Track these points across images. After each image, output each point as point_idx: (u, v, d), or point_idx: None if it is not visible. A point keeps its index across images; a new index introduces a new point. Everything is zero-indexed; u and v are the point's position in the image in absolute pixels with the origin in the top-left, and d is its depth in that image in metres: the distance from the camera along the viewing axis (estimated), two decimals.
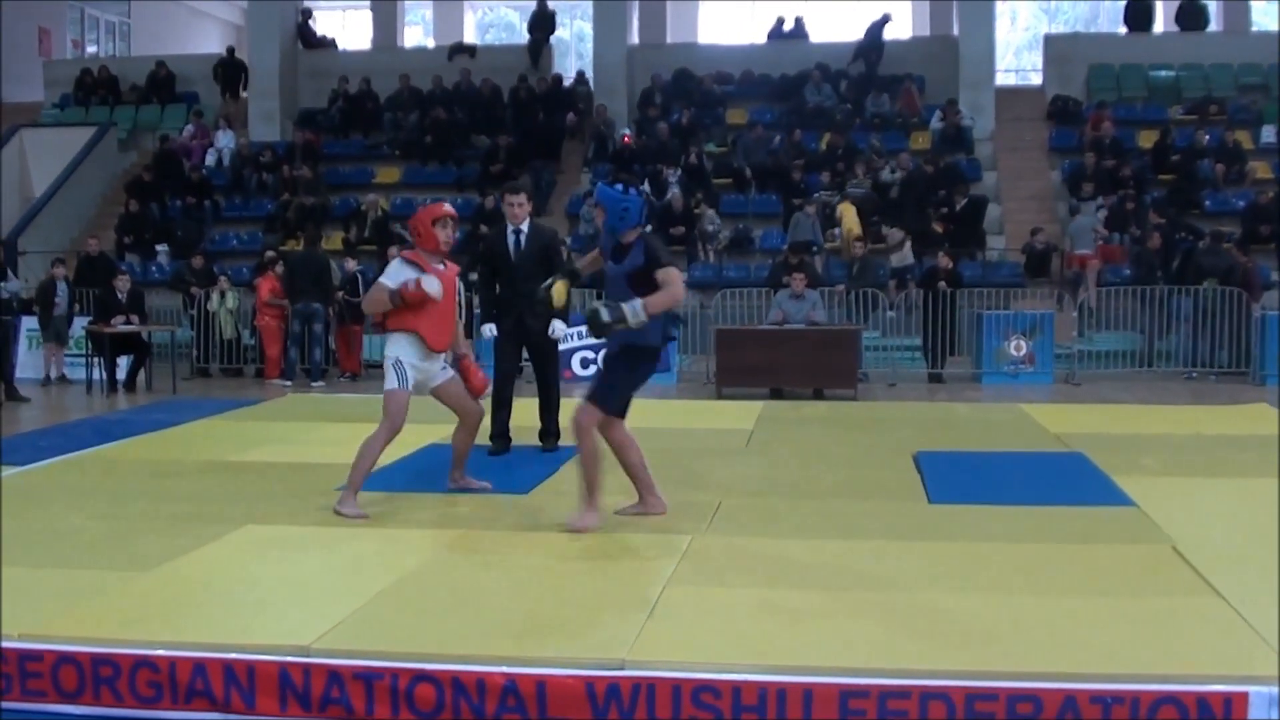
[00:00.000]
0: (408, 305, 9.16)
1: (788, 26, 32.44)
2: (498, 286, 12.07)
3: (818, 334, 18.62)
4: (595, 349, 19.55)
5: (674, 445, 11.81)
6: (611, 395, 8.70)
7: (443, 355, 9.62)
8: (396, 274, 9.30)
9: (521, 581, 7.25)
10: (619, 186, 8.60)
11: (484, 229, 24.18)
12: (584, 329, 18.41)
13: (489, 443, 11.98)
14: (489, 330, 12.04)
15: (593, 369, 19.48)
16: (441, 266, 9.48)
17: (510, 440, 12.14)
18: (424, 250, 9.40)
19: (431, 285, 9.17)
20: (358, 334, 21.36)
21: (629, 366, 8.70)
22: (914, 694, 5.56)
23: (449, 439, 12.24)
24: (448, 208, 9.50)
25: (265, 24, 31.56)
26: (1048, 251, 23.83)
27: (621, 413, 8.81)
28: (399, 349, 9.31)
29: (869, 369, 20.40)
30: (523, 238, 11.79)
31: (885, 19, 30.81)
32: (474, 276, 13.87)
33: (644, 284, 8.35)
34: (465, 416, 9.86)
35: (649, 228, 8.74)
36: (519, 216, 11.76)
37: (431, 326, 9.32)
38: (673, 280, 8.37)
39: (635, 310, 8.19)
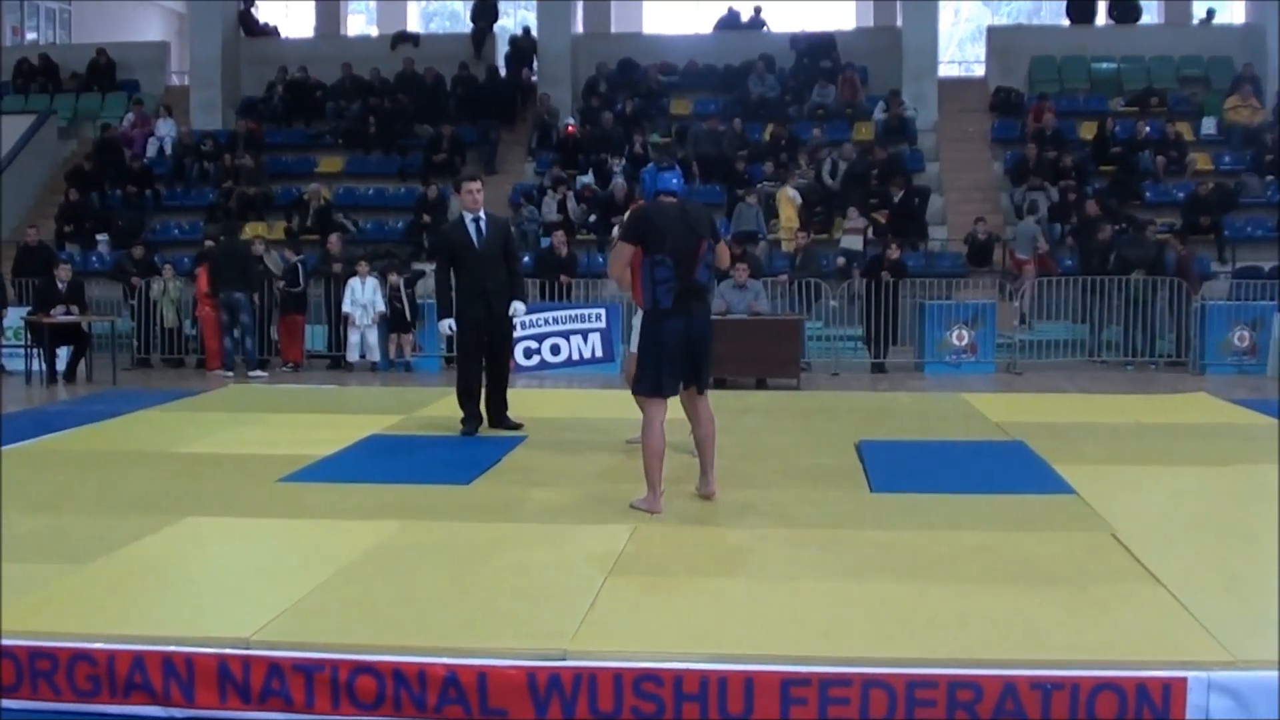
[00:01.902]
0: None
1: (745, 16, 32.49)
2: (456, 277, 12.23)
3: (760, 324, 18.62)
4: (538, 339, 19.60)
5: (616, 435, 11.81)
6: (640, 374, 9.01)
7: None
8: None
9: (463, 572, 7.24)
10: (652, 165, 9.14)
11: (426, 219, 24.18)
12: (535, 317, 18.58)
13: (461, 425, 12.41)
14: (448, 326, 12.22)
15: (535, 359, 19.54)
16: None
17: (482, 420, 12.48)
18: None
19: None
20: (300, 324, 21.26)
21: (644, 339, 8.90)
22: (855, 681, 5.58)
23: (389, 430, 12.28)
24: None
25: (207, 11, 31.39)
26: (990, 242, 23.94)
27: (666, 390, 8.92)
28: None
29: (812, 359, 20.46)
30: (483, 225, 12.10)
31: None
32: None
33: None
34: None
35: (670, 197, 8.90)
36: (478, 204, 12.11)
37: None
38: (611, 254, 9.24)
39: None
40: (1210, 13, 32.07)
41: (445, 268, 12.35)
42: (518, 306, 12.38)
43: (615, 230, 11.71)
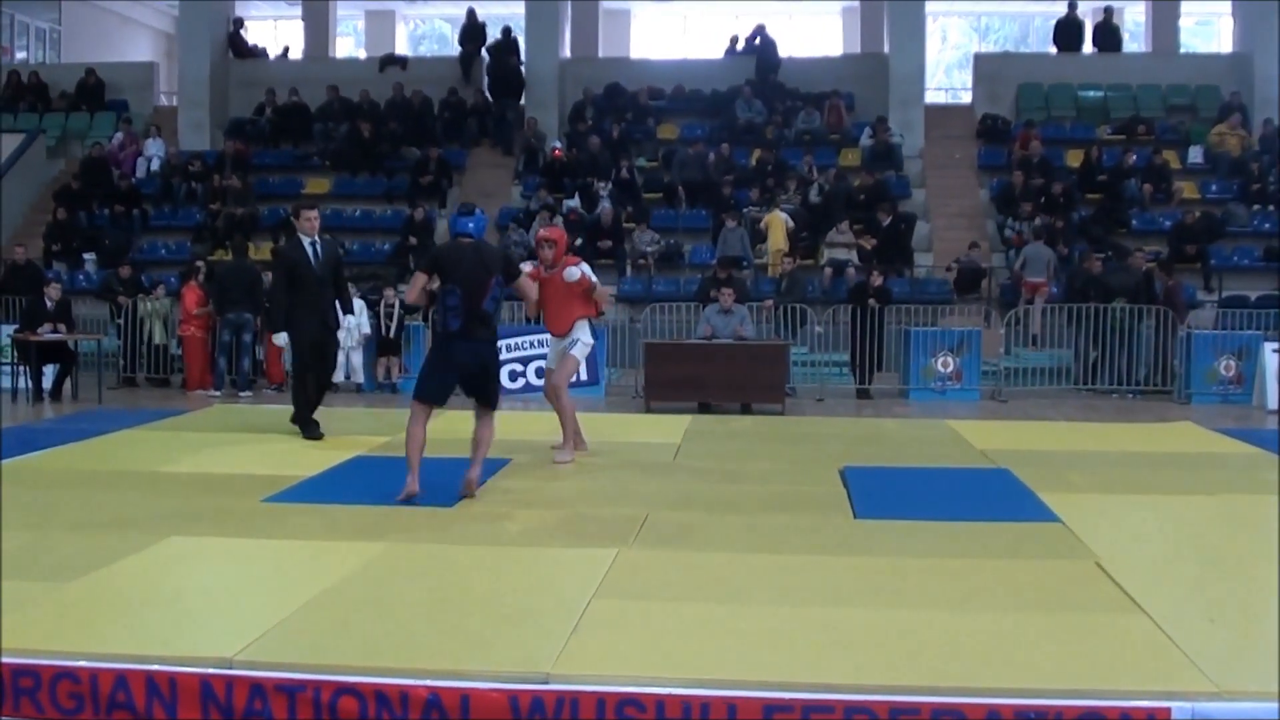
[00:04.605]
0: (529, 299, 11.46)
1: (741, 44, 32.55)
2: (293, 294, 13.43)
3: (746, 349, 18.64)
4: (523, 362, 19.56)
5: (601, 459, 11.83)
6: (420, 381, 10.52)
7: (565, 338, 12.26)
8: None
9: (445, 594, 7.23)
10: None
11: (413, 241, 24.17)
12: (520, 340, 18.77)
13: (299, 429, 13.67)
14: (283, 339, 13.69)
15: (521, 381, 19.46)
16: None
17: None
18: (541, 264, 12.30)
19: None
20: None
21: (431, 353, 10.56)
22: (838, 708, 5.57)
23: (375, 451, 12.29)
24: (542, 232, 12.58)
25: (196, 33, 31.45)
26: (978, 268, 23.91)
27: (434, 397, 10.35)
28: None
29: (797, 384, 20.42)
30: (318, 248, 13.45)
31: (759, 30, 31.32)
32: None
33: None
34: (552, 375, 12.48)
35: (465, 239, 10.37)
36: (315, 229, 13.54)
37: (547, 318, 12.39)
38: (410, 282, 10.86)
39: None
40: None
41: (285, 284, 13.47)
42: (349, 320, 14.56)
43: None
